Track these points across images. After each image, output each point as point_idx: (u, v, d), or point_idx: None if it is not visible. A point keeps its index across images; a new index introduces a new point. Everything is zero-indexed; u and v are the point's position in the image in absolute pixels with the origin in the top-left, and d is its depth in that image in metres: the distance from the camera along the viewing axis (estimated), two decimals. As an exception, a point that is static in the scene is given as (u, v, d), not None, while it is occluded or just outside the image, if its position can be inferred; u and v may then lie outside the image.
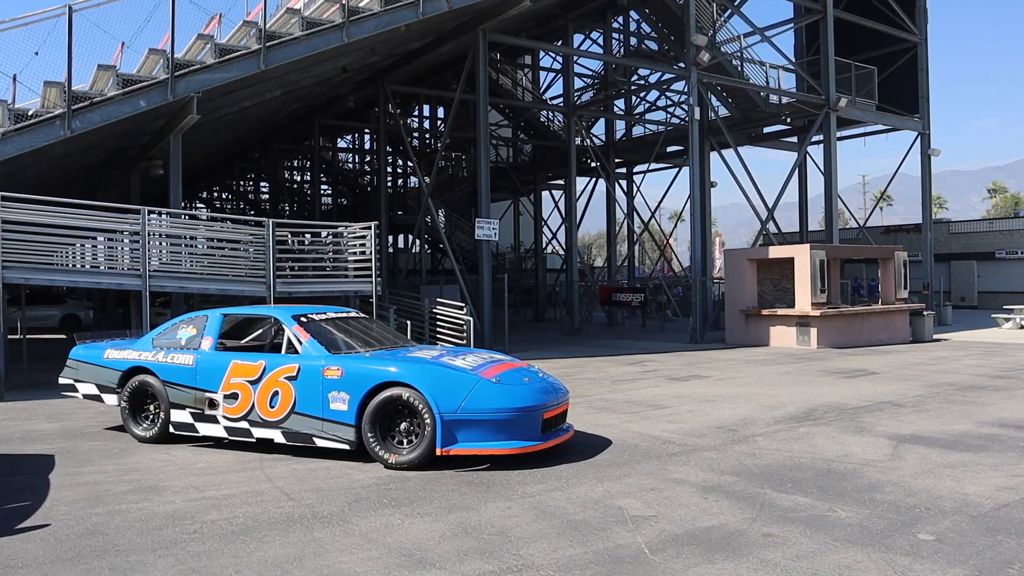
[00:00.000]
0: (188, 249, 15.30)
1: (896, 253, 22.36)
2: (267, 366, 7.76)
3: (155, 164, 19.71)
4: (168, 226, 14.78)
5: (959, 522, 5.41)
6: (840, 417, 9.64)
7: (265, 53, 15.30)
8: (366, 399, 7.15)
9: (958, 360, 16.30)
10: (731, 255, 22.95)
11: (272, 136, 33.46)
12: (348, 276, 15.55)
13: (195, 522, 5.55)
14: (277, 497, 6.19)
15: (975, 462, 7.18)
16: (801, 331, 19.72)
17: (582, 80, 34.56)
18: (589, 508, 5.79)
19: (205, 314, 8.86)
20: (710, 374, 14.25)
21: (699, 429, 8.90)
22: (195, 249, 15.36)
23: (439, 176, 34.83)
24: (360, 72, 23.24)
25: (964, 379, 13.20)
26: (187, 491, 6.41)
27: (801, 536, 5.13)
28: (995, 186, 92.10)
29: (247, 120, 24.93)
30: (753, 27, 25.95)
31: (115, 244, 14.98)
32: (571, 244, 30.17)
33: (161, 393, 8.34)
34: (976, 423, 9.15)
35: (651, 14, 26.98)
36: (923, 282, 28.10)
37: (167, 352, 8.47)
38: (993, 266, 38.94)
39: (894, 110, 28.30)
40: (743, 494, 6.14)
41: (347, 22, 16.11)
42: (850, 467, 7.02)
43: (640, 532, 5.23)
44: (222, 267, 14.51)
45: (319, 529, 5.37)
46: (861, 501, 5.92)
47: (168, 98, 14.50)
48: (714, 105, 27.21)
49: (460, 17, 19.41)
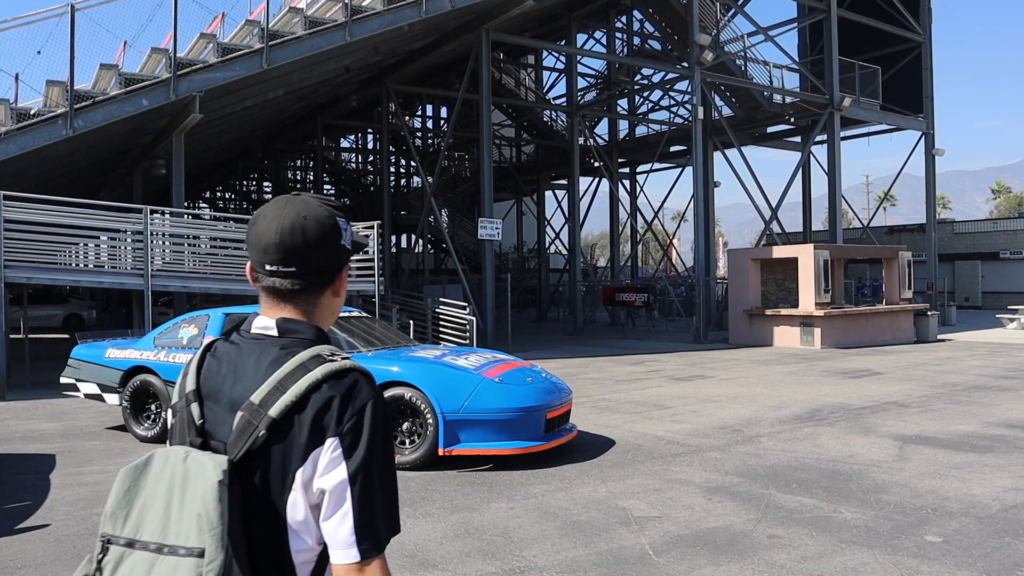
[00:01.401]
0: (191, 248, 15.29)
1: (900, 253, 22.28)
2: (269, 365, 7.72)
3: (158, 163, 19.69)
4: (170, 225, 14.76)
5: (966, 523, 5.36)
6: (845, 417, 9.59)
7: (268, 52, 15.27)
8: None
9: (963, 360, 16.23)
10: (734, 255, 22.89)
11: (275, 136, 33.44)
12: (351, 276, 15.51)
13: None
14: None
15: (981, 463, 7.13)
16: (805, 331, 19.66)
17: (585, 80, 34.56)
18: (592, 509, 5.75)
19: (207, 313, 8.84)
20: (713, 374, 14.20)
21: (703, 429, 8.85)
22: (198, 248, 15.36)
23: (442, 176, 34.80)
24: (363, 71, 23.22)
25: (969, 379, 13.14)
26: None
27: (806, 537, 5.08)
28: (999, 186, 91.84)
29: (250, 119, 24.93)
30: (756, 26, 25.93)
31: (117, 244, 14.97)
32: (574, 244, 30.13)
33: (163, 393, 8.31)
34: (982, 423, 9.09)
35: (654, 13, 26.91)
36: (927, 282, 28.02)
37: (168, 351, 8.45)
38: (997, 266, 38.82)
39: (898, 110, 28.22)
40: (748, 495, 6.10)
41: (350, 21, 16.09)
42: (855, 468, 6.97)
43: (644, 533, 5.19)
44: (224, 266, 14.49)
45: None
46: (867, 502, 5.88)
47: (170, 97, 14.49)
48: (717, 105, 27.18)
49: (463, 16, 19.37)
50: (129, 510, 1.35)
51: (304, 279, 1.49)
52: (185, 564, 1.27)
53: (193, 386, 1.46)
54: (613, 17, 31.15)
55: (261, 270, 1.49)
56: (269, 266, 1.47)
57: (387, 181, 27.35)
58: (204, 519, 1.28)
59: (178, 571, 1.27)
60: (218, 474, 1.30)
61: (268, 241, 1.46)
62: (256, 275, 1.51)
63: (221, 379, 1.46)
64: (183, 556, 1.28)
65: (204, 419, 1.43)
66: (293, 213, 1.47)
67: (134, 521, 1.34)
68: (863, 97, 26.54)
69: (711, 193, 28.16)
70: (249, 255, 1.51)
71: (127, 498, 1.35)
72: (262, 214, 1.50)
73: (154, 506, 1.33)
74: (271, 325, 1.48)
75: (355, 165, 45.11)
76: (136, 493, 1.35)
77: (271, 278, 1.48)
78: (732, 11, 25.62)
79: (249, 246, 1.50)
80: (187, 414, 1.44)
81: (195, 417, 1.43)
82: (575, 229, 30.01)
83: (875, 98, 27.20)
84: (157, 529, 1.31)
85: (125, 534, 1.33)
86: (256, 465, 1.36)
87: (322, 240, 1.48)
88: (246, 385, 1.41)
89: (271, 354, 1.43)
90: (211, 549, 1.26)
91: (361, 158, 44.99)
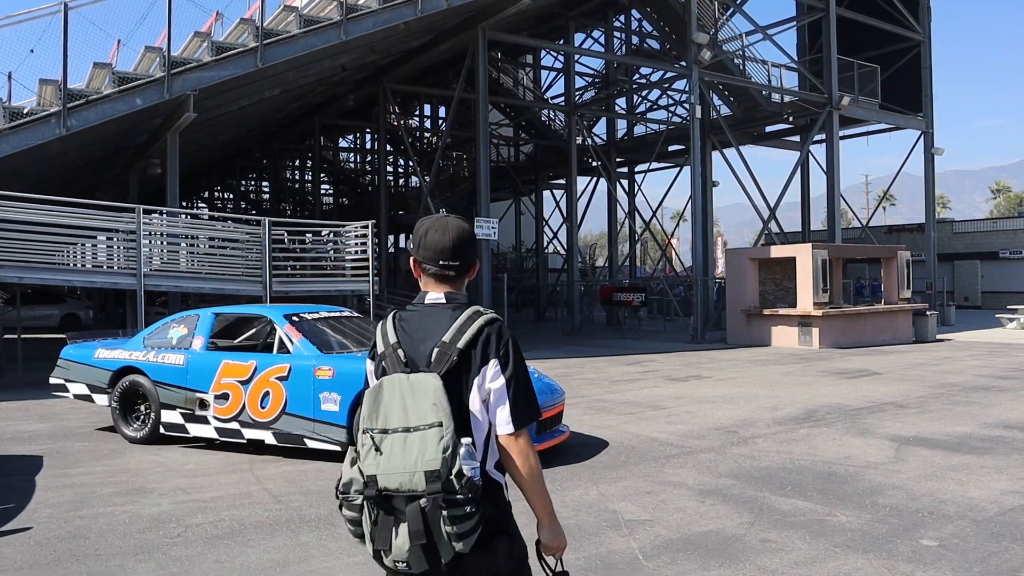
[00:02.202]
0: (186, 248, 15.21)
1: (899, 253, 22.19)
2: (258, 366, 7.64)
3: (153, 163, 19.60)
4: (164, 225, 14.66)
5: (963, 527, 5.28)
6: (841, 418, 9.51)
7: (262, 51, 15.18)
8: (357, 399, 7.03)
9: (961, 360, 16.15)
10: (732, 254, 22.80)
11: (272, 135, 33.34)
12: (346, 275, 15.44)
13: (180, 525, 5.42)
14: (265, 500, 6.07)
15: (979, 465, 7.05)
16: (803, 331, 19.58)
17: (583, 79, 34.44)
18: (583, 512, 5.67)
19: (196, 313, 8.75)
20: (710, 374, 14.11)
21: (698, 430, 8.76)
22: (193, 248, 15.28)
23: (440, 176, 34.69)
24: (359, 71, 23.12)
25: (967, 380, 13.05)
26: (174, 493, 6.29)
27: (800, 542, 4.99)
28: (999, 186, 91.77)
29: (247, 119, 24.83)
30: (755, 25, 25.83)
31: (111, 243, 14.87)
32: (572, 244, 30.02)
33: (152, 393, 8.22)
34: (980, 425, 9.01)
35: (652, 12, 26.83)
36: (926, 282, 27.93)
37: (158, 352, 8.36)
38: (997, 266, 38.73)
39: (897, 109, 28.12)
40: (741, 497, 6.01)
41: (345, 20, 16.00)
42: (851, 470, 6.89)
43: (634, 537, 5.10)
44: (218, 266, 14.40)
45: (305, 533, 5.25)
46: (862, 505, 5.79)
47: (165, 96, 14.40)
48: (716, 104, 27.08)
49: (459, 15, 19.28)
50: (377, 413, 2.19)
51: (460, 269, 2.39)
52: (430, 433, 2.12)
53: (395, 339, 2.33)
54: (611, 16, 31.05)
55: (433, 264, 2.36)
56: (442, 262, 2.35)
57: (384, 180, 27.24)
58: (438, 405, 2.14)
59: (427, 438, 2.12)
60: (437, 380, 2.18)
61: (444, 246, 2.34)
62: (424, 267, 2.38)
63: (412, 332, 2.33)
64: (426, 429, 2.13)
65: (407, 357, 2.30)
66: (456, 228, 2.37)
67: (382, 418, 2.18)
68: (862, 96, 26.44)
69: (709, 192, 28.08)
70: (419, 255, 2.37)
71: (374, 406, 2.20)
72: (431, 228, 2.37)
73: (393, 407, 2.18)
74: (440, 297, 2.37)
75: (354, 165, 44.99)
76: (379, 403, 2.20)
77: (441, 269, 2.36)
78: (730, 10, 25.53)
79: (422, 249, 2.36)
80: (395, 356, 2.30)
81: (401, 356, 2.30)
82: (573, 229, 29.91)
83: (874, 97, 27.08)
84: (400, 419, 2.16)
85: (379, 427, 2.17)
86: (451, 378, 2.22)
87: (471, 243, 2.41)
88: (432, 333, 2.29)
89: (446, 314, 2.32)
90: (445, 420, 2.13)
91: (359, 158, 44.88)
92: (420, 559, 2.18)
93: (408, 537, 2.15)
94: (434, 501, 2.11)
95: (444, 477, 2.11)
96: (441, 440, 2.12)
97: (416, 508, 2.13)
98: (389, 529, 2.18)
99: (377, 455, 2.16)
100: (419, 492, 2.12)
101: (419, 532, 2.13)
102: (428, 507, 2.11)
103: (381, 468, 2.14)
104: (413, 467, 2.12)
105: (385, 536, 2.19)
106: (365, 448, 2.19)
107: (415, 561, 2.18)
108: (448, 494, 2.11)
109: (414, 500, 2.13)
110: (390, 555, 2.20)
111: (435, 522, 2.13)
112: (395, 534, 2.18)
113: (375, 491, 2.15)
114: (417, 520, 2.13)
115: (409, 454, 2.13)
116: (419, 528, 2.13)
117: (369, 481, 2.15)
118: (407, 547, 2.16)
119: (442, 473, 2.10)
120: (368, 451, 2.18)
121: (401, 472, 2.12)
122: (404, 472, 2.12)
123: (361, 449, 2.21)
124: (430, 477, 2.10)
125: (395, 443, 2.15)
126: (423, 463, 2.11)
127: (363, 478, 2.17)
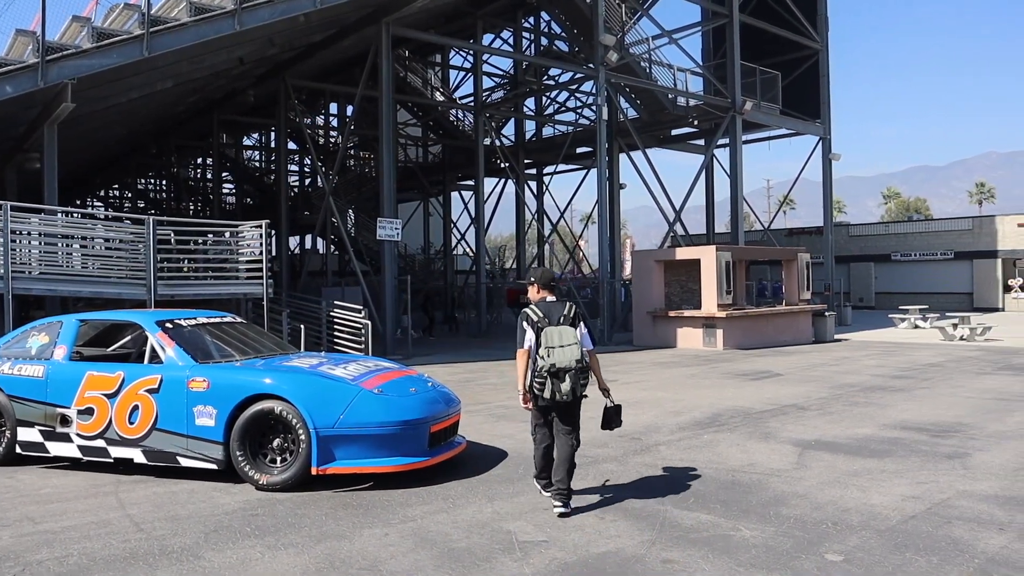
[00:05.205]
0: (64, 249, 14.18)
1: (799, 255, 22.63)
2: (126, 377, 6.97)
3: (32, 157, 18.28)
4: (38, 224, 13.57)
5: (867, 538, 5.10)
6: (745, 422, 9.40)
7: (149, 39, 14.30)
8: (235, 413, 6.46)
9: (859, 360, 16.46)
10: (639, 256, 22.84)
11: (170, 131, 31.81)
12: (238, 278, 14.66)
13: (18, 563, 4.78)
14: (125, 528, 5.46)
15: (880, 469, 6.97)
16: (707, 332, 19.70)
17: (492, 80, 34.15)
18: (475, 533, 5.27)
19: (59, 320, 7.97)
20: (616, 377, 13.92)
21: (600, 438, 8.45)
22: (70, 249, 14.24)
23: (346, 175, 33.87)
24: (259, 64, 22.21)
25: (865, 380, 13.23)
26: (20, 523, 5.61)
27: (703, 561, 4.71)
28: (890, 192, 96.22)
29: (139, 113, 23.54)
30: (661, 29, 26.02)
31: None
32: (479, 245, 29.65)
33: (7, 409, 7.42)
34: (879, 426, 9.02)
35: (560, 14, 26.74)
36: (825, 283, 28.67)
37: (14, 363, 7.56)
38: (889, 268, 40.24)
39: (797, 115, 28.78)
40: (643, 512, 5.72)
41: (239, 9, 15.21)
42: (755, 478, 6.70)
43: (528, 562, 4.73)
44: (98, 268, 13.44)
45: (163, 568, 4.67)
46: (766, 517, 5.58)
47: (39, 84, 13.38)
48: (623, 107, 27.15)
49: (362, 8, 18.67)
50: (551, 340, 5.55)
51: (555, 287, 6.01)
52: (574, 347, 5.54)
53: (543, 314, 5.68)
54: (520, 17, 30.87)
55: (547, 285, 5.94)
56: (552, 283, 5.95)
57: (284, 178, 26.32)
58: (578, 336, 5.63)
59: (573, 350, 5.54)
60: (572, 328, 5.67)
61: (552, 277, 6.04)
62: (542, 287, 5.93)
63: (547, 312, 5.71)
64: (572, 345, 5.55)
65: (550, 320, 5.65)
66: (551, 270, 7.67)
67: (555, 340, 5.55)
68: (764, 102, 26.94)
69: (616, 195, 28.13)
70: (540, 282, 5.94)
71: (548, 337, 5.57)
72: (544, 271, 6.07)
73: (554, 337, 5.55)
74: (553, 298, 5.88)
75: (259, 164, 43.49)
76: (551, 336, 5.56)
77: (552, 285, 5.98)
78: (638, 13, 25.63)
79: (539, 278, 5.95)
80: (546, 320, 5.64)
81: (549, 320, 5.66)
82: (480, 230, 29.54)
83: (775, 103, 27.64)
84: (558, 341, 5.54)
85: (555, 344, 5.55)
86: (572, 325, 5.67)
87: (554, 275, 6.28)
88: (559, 310, 5.73)
89: (563, 303, 5.83)
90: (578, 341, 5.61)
91: (264, 157, 43.43)
92: (570, 394, 5.49)
93: (570, 384, 5.46)
94: (578, 370, 5.47)
95: (580, 362, 5.48)
96: (577, 348, 5.52)
97: (574, 374, 5.46)
98: (560, 383, 5.45)
99: (554, 354, 5.47)
100: (572, 367, 5.45)
101: (574, 383, 5.48)
102: (574, 374, 5.46)
103: (556, 359, 5.45)
104: (570, 359, 5.44)
105: (560, 385, 5.45)
106: (548, 353, 5.48)
107: (569, 395, 5.49)
108: (580, 369, 5.49)
109: (569, 372, 5.45)
110: (560, 394, 5.48)
111: (576, 380, 5.48)
112: (562, 387, 5.46)
113: (555, 368, 5.45)
114: (574, 377, 5.47)
115: (566, 355, 5.45)
116: (575, 382, 5.48)
117: (551, 365, 5.45)
118: (568, 389, 5.47)
119: (580, 361, 5.48)
120: (549, 353, 5.47)
121: (567, 360, 5.44)
122: (567, 361, 5.44)
123: (546, 354, 5.48)
124: (576, 362, 5.46)
125: (563, 352, 5.48)
126: (573, 358, 5.46)
127: (547, 364, 5.46)
